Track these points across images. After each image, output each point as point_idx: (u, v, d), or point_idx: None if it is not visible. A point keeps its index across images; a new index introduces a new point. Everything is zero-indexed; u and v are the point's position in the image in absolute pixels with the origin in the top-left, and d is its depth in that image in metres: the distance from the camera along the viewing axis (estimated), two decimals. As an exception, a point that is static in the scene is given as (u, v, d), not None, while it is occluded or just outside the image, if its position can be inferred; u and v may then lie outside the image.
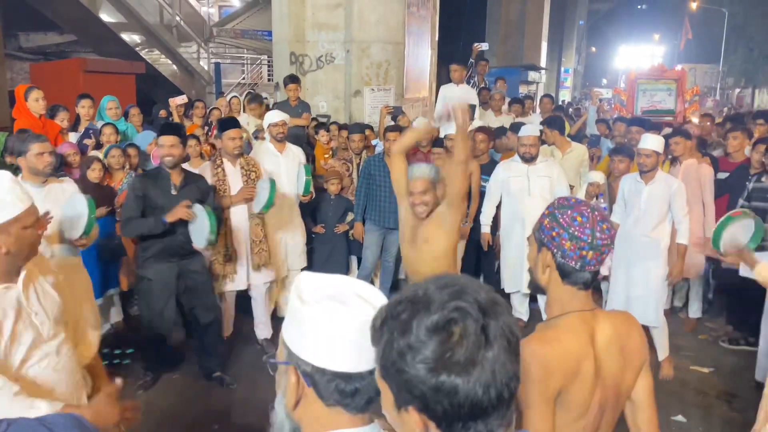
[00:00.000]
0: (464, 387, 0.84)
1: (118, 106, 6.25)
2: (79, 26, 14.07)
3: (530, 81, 21.03)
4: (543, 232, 1.58)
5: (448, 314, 0.86)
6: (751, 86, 34.83)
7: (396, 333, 0.88)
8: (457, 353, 0.84)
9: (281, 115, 5.21)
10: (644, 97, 12.19)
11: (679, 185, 4.47)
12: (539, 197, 5.00)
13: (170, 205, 3.91)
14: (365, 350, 1.01)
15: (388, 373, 0.90)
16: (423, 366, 0.85)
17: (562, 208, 1.58)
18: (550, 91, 27.64)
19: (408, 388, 0.87)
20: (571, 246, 1.54)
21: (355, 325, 1.04)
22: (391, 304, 0.93)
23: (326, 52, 8.11)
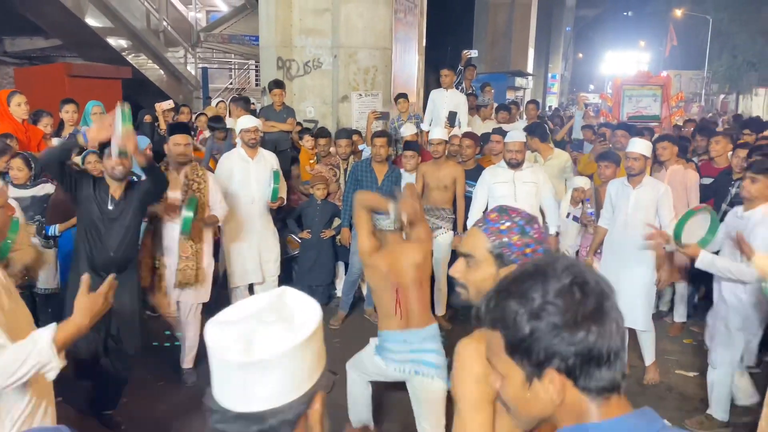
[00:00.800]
0: (600, 334, 0.94)
1: (103, 111, 6.19)
2: (64, 31, 13.99)
3: (517, 87, 21.13)
4: (510, 248, 1.53)
5: (569, 278, 0.96)
6: (735, 92, 35.24)
7: (523, 305, 0.96)
8: (588, 306, 0.94)
9: (254, 120, 5.18)
10: (630, 103, 12.28)
11: (666, 189, 4.51)
12: (525, 203, 5.01)
13: (105, 221, 3.56)
14: (228, 388, 1.01)
15: (520, 347, 0.97)
16: (560, 325, 0.93)
17: (529, 223, 1.56)
18: (537, 97, 27.80)
19: (545, 352, 0.94)
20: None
21: (218, 359, 1.00)
22: (503, 284, 1.02)
23: (313, 58, 8.10)
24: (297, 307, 1.06)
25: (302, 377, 1.03)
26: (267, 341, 0.98)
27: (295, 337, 1.00)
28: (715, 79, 35.67)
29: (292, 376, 1.01)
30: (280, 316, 1.03)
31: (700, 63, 34.98)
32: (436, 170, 5.33)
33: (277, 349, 0.98)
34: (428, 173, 5.35)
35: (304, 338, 1.01)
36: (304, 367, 1.03)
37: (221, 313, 1.06)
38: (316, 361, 1.07)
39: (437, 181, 5.32)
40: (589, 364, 0.94)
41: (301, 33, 8.07)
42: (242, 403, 1.00)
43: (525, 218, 1.57)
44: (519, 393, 1.00)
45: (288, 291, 1.11)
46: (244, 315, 1.04)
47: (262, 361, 0.97)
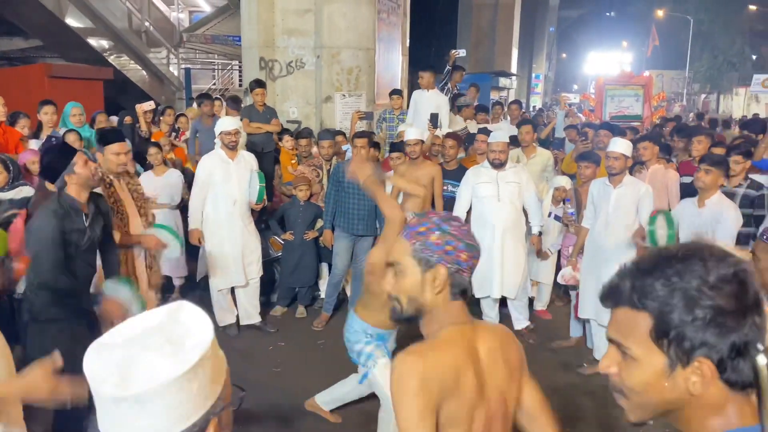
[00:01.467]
0: (759, 327, 0.90)
1: (83, 113, 6.13)
2: (44, 31, 13.83)
3: (501, 87, 21.22)
4: (431, 249, 1.50)
5: (731, 266, 0.92)
6: (716, 92, 35.69)
7: (677, 287, 0.91)
8: (750, 295, 0.91)
9: (234, 123, 5.13)
10: (612, 103, 12.39)
11: (646, 189, 4.57)
12: (508, 203, 5.04)
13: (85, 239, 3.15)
14: (112, 423, 0.92)
15: (669, 330, 0.92)
16: (725, 312, 0.89)
17: (446, 221, 1.54)
18: (521, 97, 27.92)
19: (701, 339, 0.89)
20: (467, 257, 1.52)
21: (95, 391, 0.92)
22: (648, 266, 0.96)
23: (296, 58, 8.07)
24: (190, 327, 0.97)
25: (188, 408, 0.93)
26: (146, 372, 0.89)
27: (180, 366, 0.90)
28: (697, 79, 36.13)
29: (176, 408, 0.91)
30: (168, 339, 0.93)
31: (682, 63, 35.38)
32: (414, 170, 5.33)
33: (155, 380, 0.89)
34: (406, 173, 5.35)
35: (190, 366, 0.91)
36: (190, 396, 0.92)
37: (107, 334, 0.96)
38: (208, 386, 0.96)
39: (415, 181, 5.30)
40: (740, 357, 0.90)
41: (283, 33, 8.04)
42: (180, 422, 0.92)
43: (442, 217, 1.55)
44: (654, 379, 0.95)
45: (185, 306, 1.01)
46: (129, 337, 0.94)
47: (138, 394, 0.88)
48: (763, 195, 4.86)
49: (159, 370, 0.89)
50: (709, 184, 4.11)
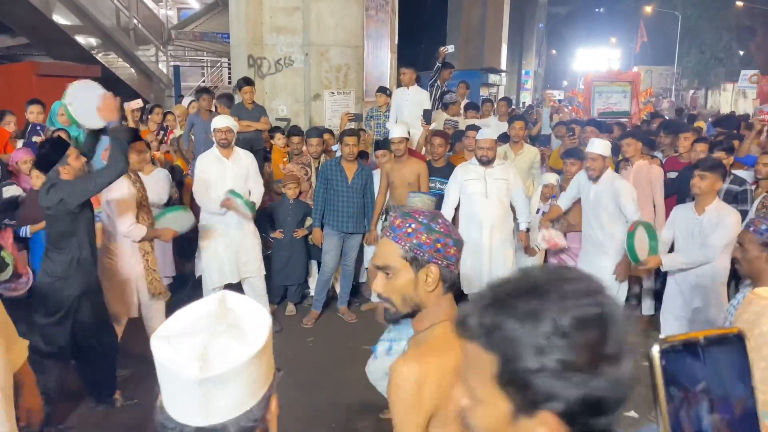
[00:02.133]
0: (615, 381, 0.80)
1: (71, 112, 6.10)
2: (32, 29, 13.73)
3: (491, 84, 21.27)
4: (422, 248, 1.53)
5: (593, 306, 0.81)
6: (704, 87, 35.92)
7: (531, 333, 0.80)
8: (609, 346, 0.80)
9: (227, 120, 5.11)
10: (600, 99, 12.46)
11: (622, 184, 4.61)
12: (496, 200, 5.09)
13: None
14: (186, 403, 0.99)
15: (517, 380, 0.81)
16: (574, 365, 0.78)
17: (432, 219, 1.57)
18: (511, 94, 27.99)
19: (548, 392, 0.79)
20: (455, 251, 1.56)
21: (173, 375, 0.98)
22: (502, 298, 0.84)
23: (285, 56, 8.07)
24: (243, 312, 1.04)
25: (259, 383, 1.03)
26: (223, 354, 0.97)
27: (251, 346, 0.99)
28: (685, 75, 36.33)
29: (250, 384, 1.01)
30: (228, 324, 1.01)
31: (670, 59, 35.57)
32: (400, 168, 5.35)
33: (234, 361, 0.97)
34: (392, 171, 5.37)
35: (261, 346, 1.00)
36: (260, 373, 1.02)
37: (163, 326, 1.03)
38: (270, 364, 1.07)
39: (401, 179, 5.34)
40: (592, 412, 0.81)
41: (271, 31, 8.03)
42: (202, 417, 0.99)
43: (428, 216, 1.58)
44: (497, 425, 0.86)
45: (229, 295, 1.08)
46: (190, 327, 1.01)
47: (221, 375, 0.96)
48: (746, 190, 4.94)
49: (234, 351, 0.97)
50: (706, 189, 3.98)
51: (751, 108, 18.93)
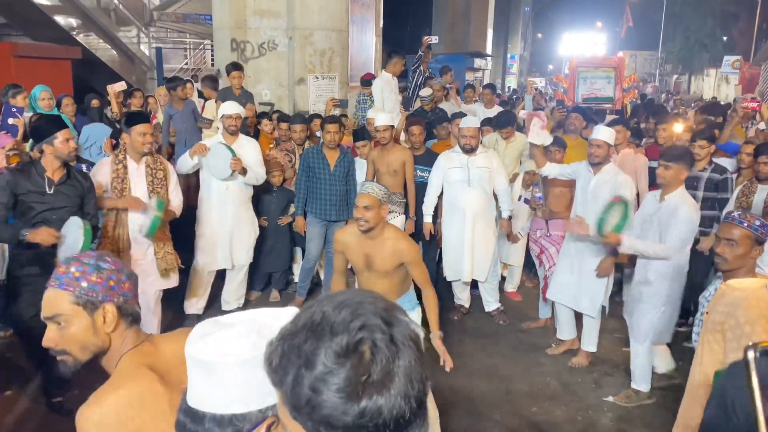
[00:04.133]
0: (387, 405, 0.81)
1: (51, 96, 5.99)
2: (8, 8, 13.43)
3: (476, 68, 21.23)
4: (95, 290, 1.51)
5: (355, 335, 0.82)
6: (688, 72, 36.13)
7: (302, 367, 0.82)
8: (374, 372, 0.81)
9: (236, 107, 5.09)
10: (585, 85, 12.49)
11: (625, 179, 4.48)
12: (479, 187, 5.11)
13: (43, 205, 3.62)
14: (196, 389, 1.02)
15: (301, 412, 0.83)
16: (341, 395, 0.80)
17: (100, 258, 1.57)
18: (496, 78, 27.95)
19: (328, 422, 0.81)
20: (129, 286, 1.57)
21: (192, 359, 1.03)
22: (286, 336, 0.86)
23: (268, 39, 7.98)
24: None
25: (250, 394, 1.04)
26: (224, 346, 1.01)
27: (252, 351, 1.02)
28: (669, 60, 36.52)
29: (238, 387, 1.03)
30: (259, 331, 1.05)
31: (655, 44, 35.72)
32: (385, 155, 5.35)
33: (226, 354, 1.00)
34: (377, 159, 5.37)
35: (259, 353, 0.98)
36: (253, 383, 1.03)
37: (229, 315, 1.09)
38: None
39: (386, 167, 5.34)
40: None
41: (255, 14, 7.93)
42: (195, 399, 1.03)
43: (94, 256, 1.56)
44: None
45: (291, 311, 1.08)
46: (237, 320, 1.06)
47: (209, 361, 1.00)
48: (726, 179, 4.98)
49: (233, 348, 1.00)
50: (670, 179, 3.87)
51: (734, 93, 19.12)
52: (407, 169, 5.34)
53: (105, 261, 1.55)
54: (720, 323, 2.49)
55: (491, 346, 4.98)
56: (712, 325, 2.54)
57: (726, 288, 2.60)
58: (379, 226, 3.39)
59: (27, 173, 3.65)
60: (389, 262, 3.43)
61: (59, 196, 3.67)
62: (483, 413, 4.01)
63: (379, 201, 3.32)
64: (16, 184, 3.59)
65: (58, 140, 3.60)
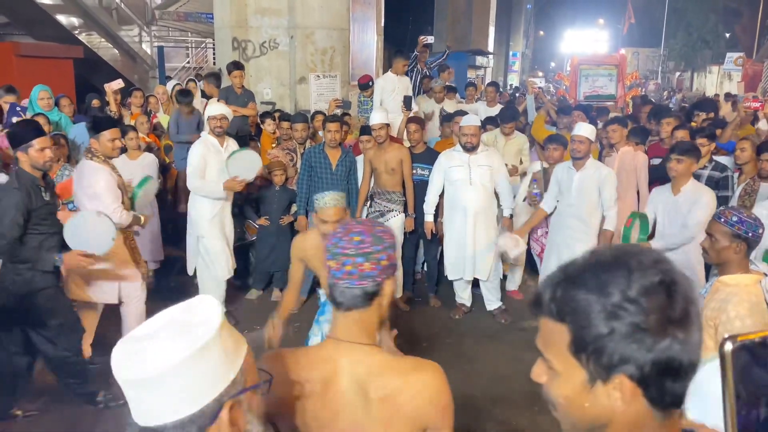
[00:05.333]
0: (685, 343, 0.84)
1: (51, 96, 6.02)
2: (10, 7, 13.44)
3: (478, 66, 21.21)
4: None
5: (657, 275, 0.85)
6: (690, 70, 36.01)
7: (601, 300, 0.85)
8: (676, 310, 0.84)
9: (222, 108, 5.04)
10: (586, 83, 12.50)
11: (609, 172, 4.69)
12: (480, 186, 5.11)
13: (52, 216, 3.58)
14: (132, 404, 1.03)
15: (589, 346, 0.86)
16: (642, 327, 0.83)
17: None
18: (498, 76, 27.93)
19: (619, 355, 0.84)
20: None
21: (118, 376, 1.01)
22: (571, 275, 0.89)
23: (270, 38, 7.99)
24: (203, 316, 1.06)
25: (199, 389, 1.01)
26: (160, 355, 0.99)
27: (187, 349, 0.99)
28: (671, 57, 36.39)
29: (187, 389, 1.00)
30: (181, 328, 1.03)
31: (657, 41, 35.62)
32: (382, 154, 5.35)
33: (168, 362, 0.98)
34: (375, 158, 5.37)
35: (196, 348, 0.99)
36: (200, 378, 1.01)
37: (137, 329, 1.06)
38: (219, 369, 1.04)
39: (384, 165, 5.34)
40: (664, 376, 0.84)
41: (256, 13, 7.94)
42: (141, 418, 1.02)
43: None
44: (576, 394, 0.90)
45: (204, 300, 1.10)
46: (150, 329, 1.05)
47: (154, 376, 0.98)
48: (727, 176, 4.99)
49: (170, 353, 0.99)
50: (682, 172, 4.17)
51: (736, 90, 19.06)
52: (405, 167, 5.34)
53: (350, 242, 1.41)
54: (712, 318, 2.51)
55: (493, 344, 4.99)
56: (704, 321, 2.56)
57: (719, 284, 2.62)
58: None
59: (31, 184, 3.46)
60: None
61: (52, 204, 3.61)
62: (484, 412, 4.02)
63: (344, 209, 3.14)
64: (30, 199, 3.41)
65: (33, 148, 3.39)
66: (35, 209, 3.42)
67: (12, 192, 3.40)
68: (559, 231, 4.82)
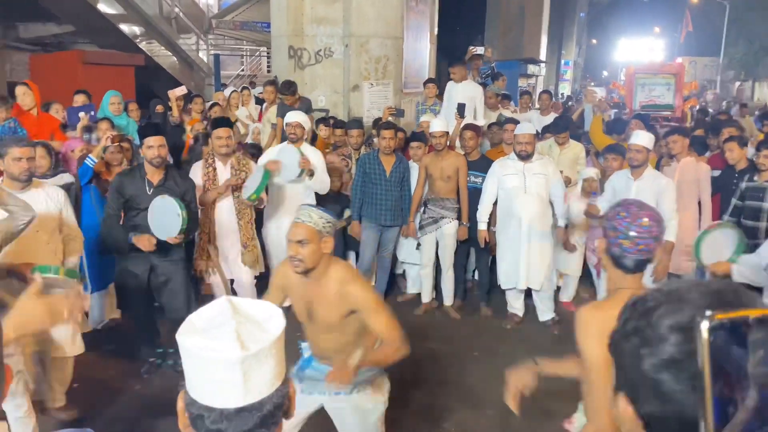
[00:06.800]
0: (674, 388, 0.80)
1: (121, 101, 6.25)
2: (77, 17, 14.03)
3: (530, 74, 21.01)
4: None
5: (696, 316, 0.76)
6: (751, 79, 34.77)
7: (638, 321, 0.85)
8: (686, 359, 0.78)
9: (297, 116, 5.19)
10: (643, 92, 12.21)
11: (668, 182, 4.56)
12: (535, 194, 5.05)
13: (144, 203, 4.00)
14: (229, 387, 1.05)
15: (617, 355, 0.89)
16: (651, 362, 0.81)
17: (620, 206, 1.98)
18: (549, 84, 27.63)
19: (630, 375, 0.86)
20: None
21: (214, 361, 1.05)
22: (647, 294, 0.89)
23: (325, 47, 8.11)
24: (251, 307, 1.14)
25: (283, 365, 1.14)
26: (252, 336, 1.06)
27: (275, 330, 1.10)
28: (731, 66, 35.23)
29: (278, 364, 1.11)
30: (244, 317, 1.10)
31: (716, 49, 34.54)
32: (439, 161, 5.35)
33: (265, 341, 1.07)
34: (431, 165, 5.38)
35: (281, 331, 1.11)
36: (282, 356, 1.13)
37: (183, 327, 1.11)
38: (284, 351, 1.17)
39: (440, 172, 5.34)
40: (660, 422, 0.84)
41: (312, 22, 8.07)
42: (243, 397, 1.07)
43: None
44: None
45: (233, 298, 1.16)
46: (211, 322, 1.09)
47: (257, 353, 1.05)
48: None
49: (261, 335, 1.08)
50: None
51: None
52: (461, 175, 5.34)
53: (641, 227, 1.95)
54: None
55: (545, 356, 4.90)
56: None
57: None
58: (322, 265, 2.59)
59: (132, 176, 4.09)
60: (334, 311, 2.62)
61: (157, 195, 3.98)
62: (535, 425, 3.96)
63: (318, 233, 2.53)
64: (123, 186, 4.04)
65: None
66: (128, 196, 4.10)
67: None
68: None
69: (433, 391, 4.27)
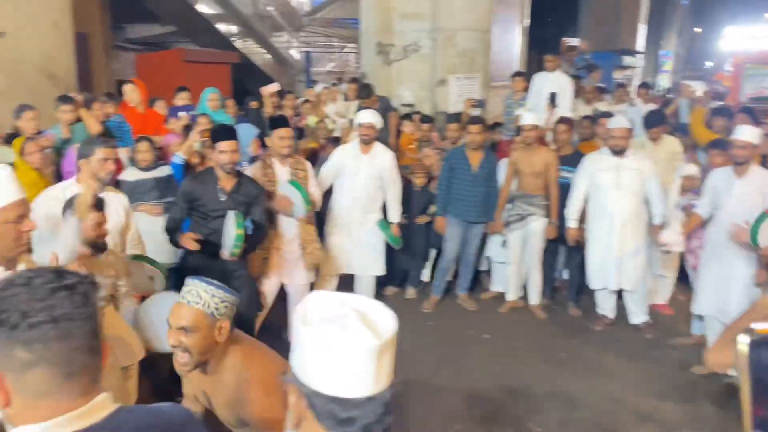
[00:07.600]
0: None
1: (219, 98, 6.52)
2: (178, 18, 14.76)
3: (626, 66, 20.11)
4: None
5: None
6: None
7: None
8: None
9: (370, 117, 5.01)
10: (751, 84, 11.42)
11: None
12: (629, 191, 4.84)
13: (216, 210, 3.84)
14: (363, 376, 1.05)
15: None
16: None
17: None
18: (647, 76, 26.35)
19: None
20: None
21: (351, 351, 1.04)
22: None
23: (412, 42, 8.11)
24: (371, 316, 1.14)
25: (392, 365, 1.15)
26: (377, 325, 1.09)
27: (389, 317, 1.12)
28: None
29: (394, 353, 1.14)
30: (357, 313, 1.11)
31: (837, 36, 31.68)
32: (529, 156, 5.22)
33: (391, 328, 1.10)
34: (520, 159, 5.26)
35: (396, 323, 1.12)
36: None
37: (304, 317, 1.11)
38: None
39: (530, 167, 5.21)
40: None
41: (400, 17, 8.10)
42: (374, 385, 1.09)
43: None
44: None
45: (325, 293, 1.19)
46: (329, 314, 1.10)
47: (388, 340, 1.08)
48: None
49: (383, 323, 1.10)
50: None
51: None
52: (551, 171, 5.18)
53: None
54: None
55: (636, 361, 4.70)
56: None
57: None
58: (216, 356, 2.07)
59: (203, 181, 3.90)
60: (227, 411, 2.12)
61: (230, 204, 3.84)
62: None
63: (208, 317, 2.01)
64: (193, 192, 3.88)
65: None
66: (197, 200, 3.96)
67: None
68: (717, 246, 4.35)
69: (517, 390, 4.20)
